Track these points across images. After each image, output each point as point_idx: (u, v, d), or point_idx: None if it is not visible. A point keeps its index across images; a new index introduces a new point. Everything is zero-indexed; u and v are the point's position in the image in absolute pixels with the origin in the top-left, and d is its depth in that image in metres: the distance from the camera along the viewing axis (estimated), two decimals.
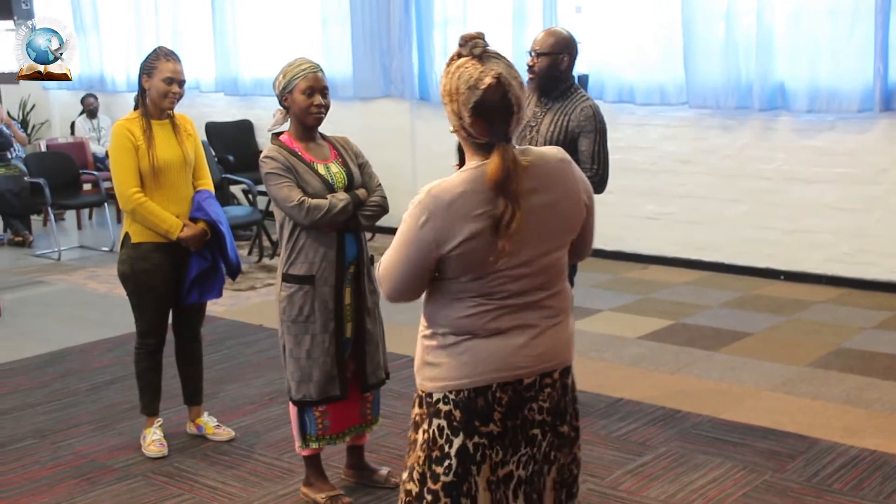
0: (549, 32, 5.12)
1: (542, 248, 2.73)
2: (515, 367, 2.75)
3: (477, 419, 2.75)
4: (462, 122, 2.65)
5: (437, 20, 10.16)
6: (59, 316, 7.89)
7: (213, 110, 12.15)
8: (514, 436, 2.80)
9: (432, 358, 2.80)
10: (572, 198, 2.79)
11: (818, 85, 7.91)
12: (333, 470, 4.65)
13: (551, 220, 2.74)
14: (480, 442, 2.77)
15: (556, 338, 2.82)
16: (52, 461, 4.98)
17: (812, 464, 4.70)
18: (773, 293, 7.93)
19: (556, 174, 2.77)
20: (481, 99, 2.61)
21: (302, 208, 4.02)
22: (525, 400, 2.79)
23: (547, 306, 2.79)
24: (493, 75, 2.62)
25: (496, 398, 2.76)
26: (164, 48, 4.88)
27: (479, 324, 2.73)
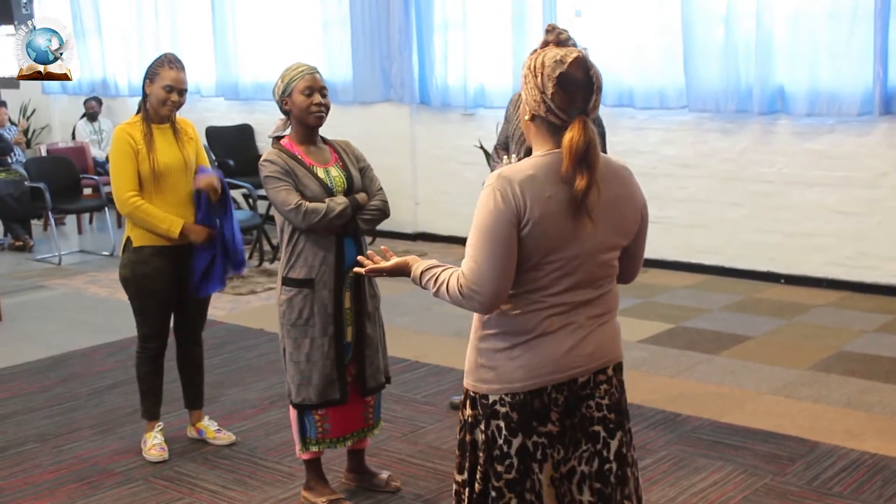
0: None
1: (599, 241, 2.77)
2: (568, 368, 2.80)
3: (535, 420, 2.81)
4: (544, 97, 2.70)
5: (437, 24, 10.18)
6: (59, 320, 7.89)
7: (213, 115, 12.16)
8: (574, 433, 2.86)
9: (486, 360, 2.84)
10: (633, 200, 2.87)
11: (818, 88, 7.92)
12: (334, 474, 4.65)
13: (613, 215, 2.79)
14: (540, 441, 2.82)
15: (604, 335, 2.87)
16: (54, 465, 4.98)
17: (813, 467, 4.71)
18: (774, 297, 7.93)
19: (622, 174, 2.85)
20: (566, 71, 2.69)
21: (299, 212, 4.03)
22: (581, 398, 2.85)
23: (596, 305, 2.84)
24: (578, 52, 2.74)
25: (552, 399, 2.81)
26: (170, 55, 4.89)
27: (532, 323, 2.77)
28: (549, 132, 2.74)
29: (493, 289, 2.71)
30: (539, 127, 2.76)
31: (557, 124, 2.71)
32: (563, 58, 2.70)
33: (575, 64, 2.70)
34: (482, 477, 2.87)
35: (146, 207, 4.73)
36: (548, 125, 2.73)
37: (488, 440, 2.85)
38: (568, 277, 2.76)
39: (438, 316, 7.53)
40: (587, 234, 2.72)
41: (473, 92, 10.02)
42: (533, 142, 2.80)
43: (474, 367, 2.88)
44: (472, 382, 2.89)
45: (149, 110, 4.80)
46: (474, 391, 2.88)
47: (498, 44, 9.69)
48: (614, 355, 2.92)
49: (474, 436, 2.90)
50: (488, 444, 2.85)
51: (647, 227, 2.97)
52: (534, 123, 2.77)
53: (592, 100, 2.73)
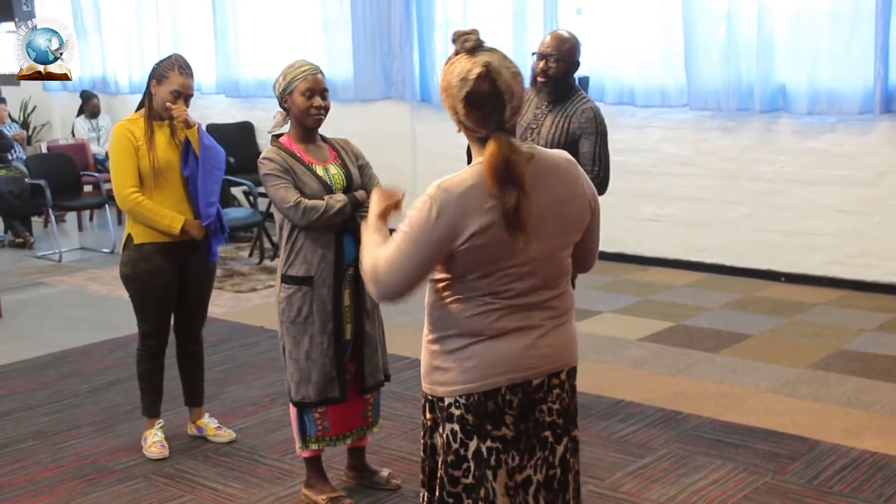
0: (559, 37, 5.06)
1: (549, 245, 2.73)
2: (523, 369, 2.75)
3: (489, 423, 2.76)
4: (458, 116, 2.67)
5: (438, 22, 10.16)
6: (59, 317, 7.89)
7: (213, 112, 12.16)
8: (528, 439, 2.81)
9: (440, 362, 2.80)
10: (578, 196, 2.79)
11: (819, 87, 7.91)
12: (334, 471, 4.65)
13: (558, 216, 2.73)
14: (494, 446, 2.77)
15: (561, 338, 2.82)
16: (53, 462, 4.98)
17: (813, 466, 4.70)
18: (774, 295, 7.93)
19: (561, 171, 2.77)
20: (472, 89, 2.62)
21: (298, 209, 4.02)
22: (535, 402, 2.80)
23: (552, 307, 2.79)
24: (482, 64, 2.64)
25: (506, 401, 2.76)
26: (181, 59, 4.87)
27: (485, 324, 2.72)
28: (478, 142, 2.71)
29: (394, 289, 2.72)
30: (470, 137, 2.74)
31: (481, 138, 2.68)
32: (467, 74, 2.63)
33: (479, 79, 2.63)
34: (440, 483, 2.85)
35: (147, 203, 4.73)
36: (476, 138, 2.71)
37: (444, 444, 2.82)
38: (520, 281, 2.72)
39: None
40: (539, 239, 2.68)
41: None
42: (472, 150, 2.75)
43: (429, 370, 2.84)
44: (428, 385, 2.86)
45: (153, 108, 4.80)
46: (431, 394, 2.85)
47: (499, 42, 9.62)
48: (570, 359, 2.87)
49: (433, 440, 2.89)
50: (444, 449, 2.82)
51: (599, 216, 2.91)
52: (466, 133, 2.75)
53: (507, 110, 2.66)
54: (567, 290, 2.85)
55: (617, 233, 8.89)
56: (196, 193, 4.82)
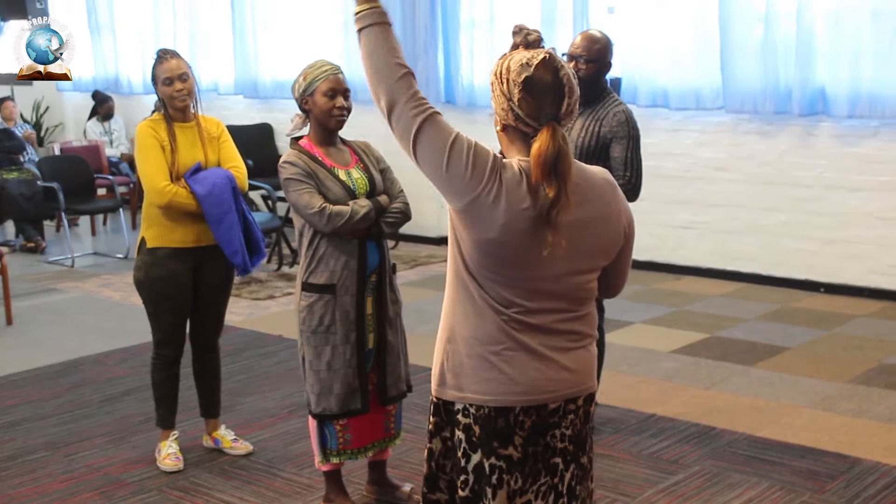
0: (591, 38, 5.05)
1: (574, 265, 2.68)
2: (541, 392, 2.72)
3: (496, 440, 2.72)
4: (511, 104, 2.62)
5: (464, 22, 10.19)
6: (72, 324, 7.93)
7: (231, 113, 12.18)
8: (535, 463, 2.77)
9: (453, 365, 2.76)
10: (612, 221, 2.74)
11: (860, 89, 7.88)
12: (354, 486, 4.65)
13: (586, 238, 2.68)
14: (498, 465, 2.73)
15: (581, 362, 2.78)
16: (65, 474, 5.00)
17: (853, 485, 4.68)
18: (813, 306, 7.89)
19: (598, 191, 2.72)
20: (533, 74, 2.60)
21: (323, 215, 4.03)
22: (549, 426, 2.76)
23: (574, 330, 2.76)
24: (546, 53, 2.63)
25: (518, 421, 2.72)
26: (159, 51, 4.94)
27: (504, 336, 2.68)
28: (522, 142, 2.67)
29: None
30: (512, 137, 2.70)
31: (528, 133, 2.64)
32: (528, 61, 2.61)
33: (542, 66, 2.60)
34: (447, 488, 2.85)
35: (184, 193, 4.76)
36: (520, 135, 2.67)
37: (449, 450, 2.81)
38: (542, 299, 2.69)
39: None
40: (555, 255, 2.61)
41: None
42: (506, 152, 2.72)
43: (439, 372, 2.81)
44: (435, 387, 2.83)
45: (169, 112, 4.84)
46: (439, 397, 2.82)
47: None
48: (588, 385, 2.82)
49: (432, 444, 2.88)
50: (446, 452, 2.83)
51: (633, 242, 2.86)
52: (506, 134, 2.71)
53: (564, 104, 2.63)
54: (590, 314, 2.81)
55: (650, 240, 8.87)
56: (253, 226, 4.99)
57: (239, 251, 4.88)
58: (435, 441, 2.87)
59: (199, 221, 4.82)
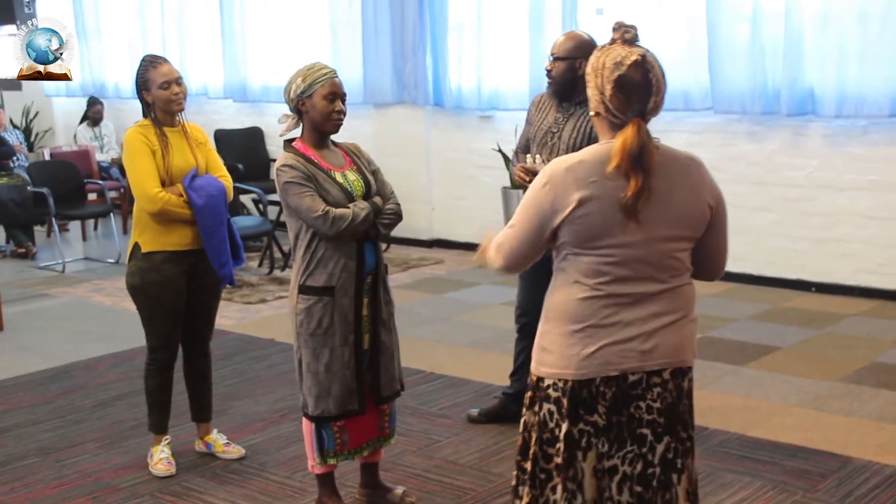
0: (568, 36, 5.14)
1: (651, 231, 2.89)
2: (619, 364, 2.93)
3: (582, 408, 2.96)
4: (603, 97, 2.89)
5: (452, 24, 10.19)
6: (63, 330, 7.91)
7: (221, 117, 12.19)
8: (620, 431, 2.97)
9: (546, 344, 3.02)
10: (692, 191, 2.97)
11: (848, 89, 7.90)
12: (347, 489, 4.65)
13: (665, 205, 2.91)
14: (586, 430, 2.97)
15: (667, 337, 2.97)
16: (56, 480, 4.99)
17: (845, 483, 4.68)
18: (804, 305, 7.91)
19: (679, 165, 2.98)
20: (624, 73, 2.87)
21: (327, 219, 4.03)
22: (631, 397, 2.96)
23: (658, 302, 2.95)
24: (639, 54, 2.90)
25: (600, 392, 2.95)
26: (148, 56, 4.94)
27: (589, 312, 2.92)
28: (610, 128, 2.93)
29: (511, 257, 3.02)
30: (602, 122, 2.96)
31: (617, 123, 2.90)
32: (623, 60, 2.88)
33: (633, 66, 2.87)
34: (533, 458, 3.04)
35: (175, 199, 4.75)
36: (609, 122, 2.93)
37: (540, 422, 3.02)
38: (622, 266, 2.90)
39: (455, 326, 7.53)
40: (639, 223, 2.87)
41: (489, 94, 10.02)
42: (598, 134, 3.00)
43: (537, 350, 3.06)
44: (533, 365, 3.08)
45: (157, 116, 4.83)
46: (534, 373, 3.06)
47: (514, 45, 9.70)
48: (676, 359, 3.00)
49: (528, 417, 3.09)
50: (540, 427, 3.02)
51: (725, 225, 3.11)
52: (598, 119, 2.97)
53: (651, 101, 2.89)
54: (681, 289, 3.00)
55: None
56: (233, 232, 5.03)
57: (227, 263, 4.92)
58: (528, 413, 3.09)
59: (192, 224, 4.81)
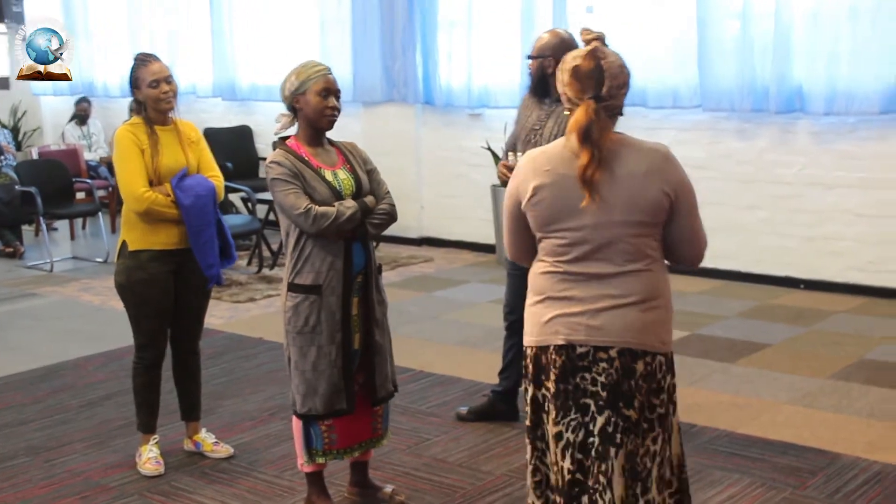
0: (543, 35, 5.22)
1: (606, 217, 3.09)
2: (568, 335, 3.14)
3: (542, 374, 3.22)
4: (563, 87, 3.15)
5: (442, 21, 10.19)
6: (51, 330, 7.90)
7: (210, 116, 12.17)
8: (566, 399, 3.17)
9: (525, 315, 3.30)
10: (648, 178, 3.12)
11: (837, 87, 7.92)
12: (336, 488, 4.65)
13: (619, 191, 3.09)
14: (544, 394, 3.22)
15: (618, 317, 3.13)
16: (45, 480, 4.98)
17: (834, 480, 4.70)
18: (793, 303, 7.93)
19: (643, 154, 3.17)
20: (579, 64, 3.12)
21: (309, 216, 4.03)
22: (578, 368, 3.16)
23: (615, 284, 3.13)
24: (594, 45, 3.15)
25: (551, 359, 3.18)
26: (139, 55, 4.94)
27: (548, 285, 3.18)
28: None
29: (508, 248, 3.35)
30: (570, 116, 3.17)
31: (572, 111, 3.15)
32: (579, 53, 3.14)
33: (586, 56, 3.12)
34: None
35: (162, 199, 4.75)
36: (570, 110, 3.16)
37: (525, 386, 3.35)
38: (578, 247, 3.12)
39: (444, 324, 7.53)
40: (594, 207, 3.08)
41: (479, 92, 10.03)
42: None
43: None
44: None
45: (149, 115, 4.82)
46: None
47: (504, 42, 9.70)
48: (623, 339, 3.14)
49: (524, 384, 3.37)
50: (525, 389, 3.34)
51: (692, 213, 3.24)
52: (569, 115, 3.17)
53: (606, 86, 3.10)
54: (639, 274, 3.15)
55: None
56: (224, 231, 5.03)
57: (214, 264, 4.91)
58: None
59: (180, 223, 4.81)
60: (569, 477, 3.18)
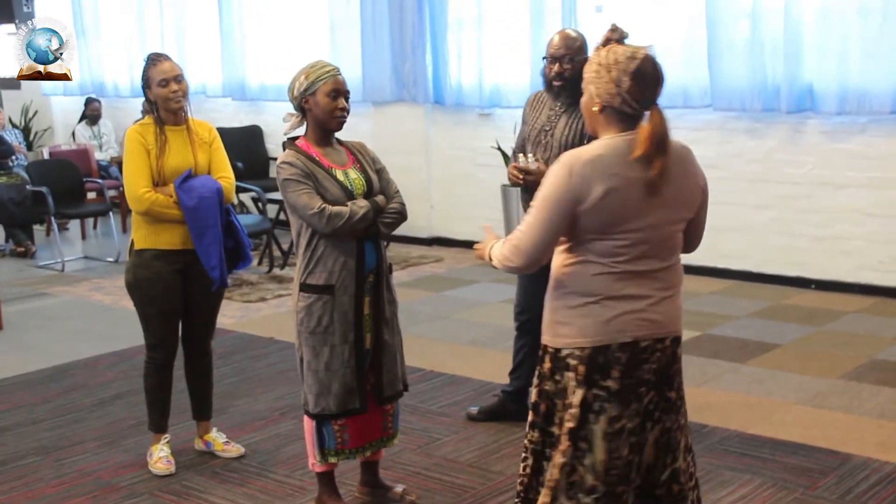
0: (569, 37, 5.08)
1: (661, 216, 3.19)
2: (633, 332, 3.22)
3: (597, 374, 3.22)
4: (619, 90, 3.12)
5: (452, 21, 10.18)
6: (62, 329, 7.92)
7: (220, 116, 12.18)
8: (628, 393, 3.25)
9: (561, 317, 3.27)
10: (691, 176, 3.28)
11: (848, 86, 7.89)
12: (347, 487, 4.65)
13: (676, 192, 3.21)
14: (599, 394, 3.23)
15: (669, 308, 3.29)
16: (56, 479, 4.99)
17: (845, 480, 4.69)
18: (803, 303, 7.91)
19: (681, 153, 3.26)
20: (640, 66, 3.13)
21: (323, 216, 4.03)
22: (640, 361, 3.25)
23: (662, 278, 3.26)
24: (646, 49, 3.18)
25: (615, 357, 3.22)
26: (151, 54, 4.95)
27: (603, 286, 3.19)
28: (619, 121, 3.17)
29: (532, 254, 3.21)
30: (609, 117, 3.18)
31: (629, 113, 3.16)
32: (634, 54, 3.14)
33: (646, 59, 3.14)
34: (559, 422, 3.31)
35: (162, 199, 4.76)
36: (619, 115, 3.16)
37: (561, 389, 3.29)
38: (637, 247, 3.18)
39: (455, 324, 7.53)
40: (655, 208, 3.16)
41: (489, 91, 10.02)
42: (600, 130, 3.21)
43: (550, 324, 3.32)
44: (548, 338, 3.33)
45: (160, 115, 4.83)
46: (551, 345, 3.31)
47: (515, 41, 9.70)
48: (675, 328, 3.33)
49: (549, 386, 3.33)
50: (561, 393, 3.29)
51: (708, 201, 3.37)
52: (603, 114, 3.18)
53: (659, 92, 3.18)
54: (677, 265, 3.32)
55: None
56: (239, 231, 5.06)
57: (217, 266, 4.88)
58: (549, 383, 3.34)
59: (184, 224, 4.81)
60: (625, 462, 3.28)
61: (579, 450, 3.27)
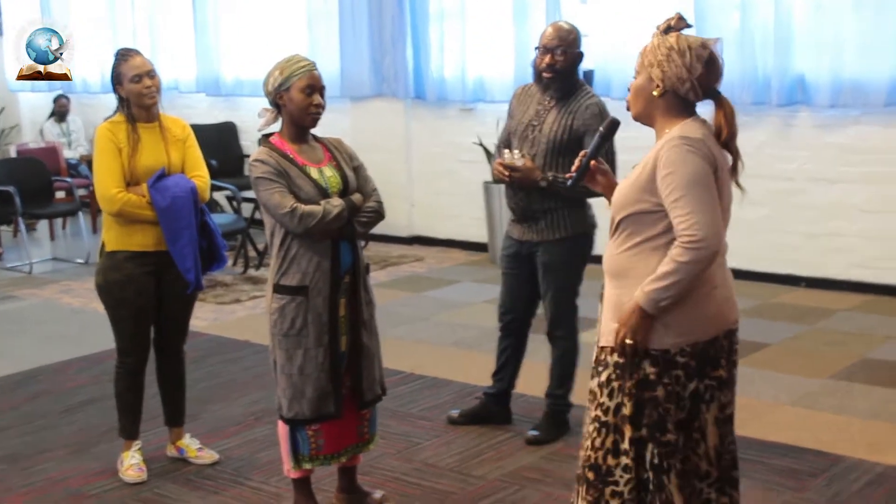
0: (562, 28, 5.12)
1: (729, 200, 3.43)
2: (732, 316, 3.44)
3: (709, 366, 3.37)
4: (690, 76, 3.27)
5: (433, 13, 10.19)
6: (30, 333, 7.91)
7: (194, 112, 12.13)
8: (732, 377, 3.46)
9: (667, 320, 3.29)
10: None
11: (841, 78, 7.93)
12: (324, 494, 4.67)
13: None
14: (710, 384, 3.37)
15: None
16: (24, 488, 5.00)
17: (835, 482, 4.73)
18: (795, 301, 7.96)
19: None
20: (712, 55, 3.31)
21: (294, 216, 4.05)
22: (733, 343, 3.46)
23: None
24: (715, 41, 3.37)
25: (721, 346, 3.39)
26: (121, 50, 4.97)
27: (706, 277, 3.30)
28: (681, 107, 3.33)
29: (715, 233, 3.24)
30: (670, 102, 3.32)
31: (692, 100, 3.33)
32: (705, 43, 3.31)
33: (714, 49, 3.32)
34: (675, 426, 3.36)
35: (135, 199, 4.76)
36: (682, 101, 3.32)
37: (671, 392, 3.34)
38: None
39: (435, 325, 7.56)
40: (725, 190, 3.36)
41: (472, 85, 10.03)
42: (657, 115, 3.37)
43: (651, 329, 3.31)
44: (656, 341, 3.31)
45: (132, 111, 4.84)
46: (656, 348, 3.31)
47: (498, 34, 9.71)
48: None
49: (659, 393, 3.33)
50: (670, 396, 3.34)
51: None
52: (664, 99, 3.32)
53: (719, 84, 3.37)
54: None
55: None
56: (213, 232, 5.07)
57: (192, 268, 4.89)
58: (659, 390, 3.34)
59: (156, 225, 4.81)
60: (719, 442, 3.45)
61: (691, 440, 3.39)
